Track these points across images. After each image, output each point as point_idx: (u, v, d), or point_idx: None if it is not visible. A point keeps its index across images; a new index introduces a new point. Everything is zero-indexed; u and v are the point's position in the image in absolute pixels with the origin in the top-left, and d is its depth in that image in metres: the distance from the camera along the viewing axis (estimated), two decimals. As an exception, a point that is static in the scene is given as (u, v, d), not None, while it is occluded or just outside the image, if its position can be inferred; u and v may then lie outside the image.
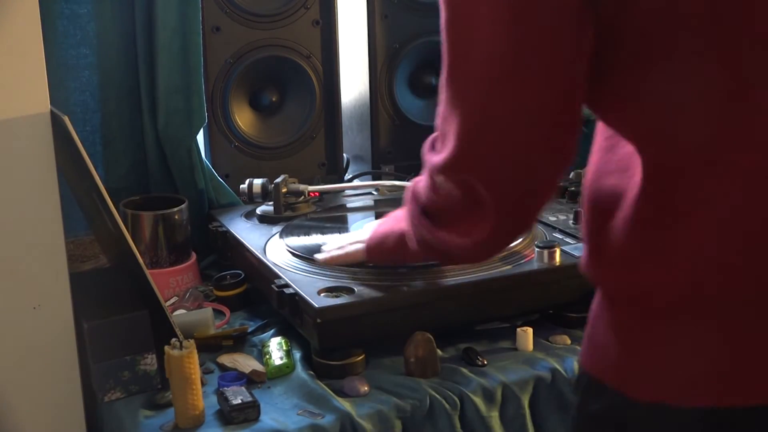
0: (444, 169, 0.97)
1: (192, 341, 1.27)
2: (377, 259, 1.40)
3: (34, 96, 1.30)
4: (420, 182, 1.12)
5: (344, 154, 2.07)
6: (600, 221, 0.91)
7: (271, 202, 1.76)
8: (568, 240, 1.57)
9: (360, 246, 1.41)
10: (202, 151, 1.87)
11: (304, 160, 1.99)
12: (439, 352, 1.39)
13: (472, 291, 1.42)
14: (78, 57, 1.78)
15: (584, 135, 0.97)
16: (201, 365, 1.33)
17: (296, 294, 1.38)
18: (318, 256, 1.47)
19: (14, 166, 1.30)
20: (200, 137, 1.88)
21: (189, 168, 1.83)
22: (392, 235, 1.29)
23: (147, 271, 1.35)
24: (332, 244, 1.49)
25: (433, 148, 1.03)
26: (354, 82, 2.11)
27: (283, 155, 1.98)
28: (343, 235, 1.55)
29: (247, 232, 1.68)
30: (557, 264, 1.48)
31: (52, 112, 1.32)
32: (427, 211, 1.09)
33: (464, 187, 0.96)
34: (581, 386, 0.98)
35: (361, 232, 1.49)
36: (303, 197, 1.79)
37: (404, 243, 1.21)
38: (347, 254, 1.44)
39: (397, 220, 1.29)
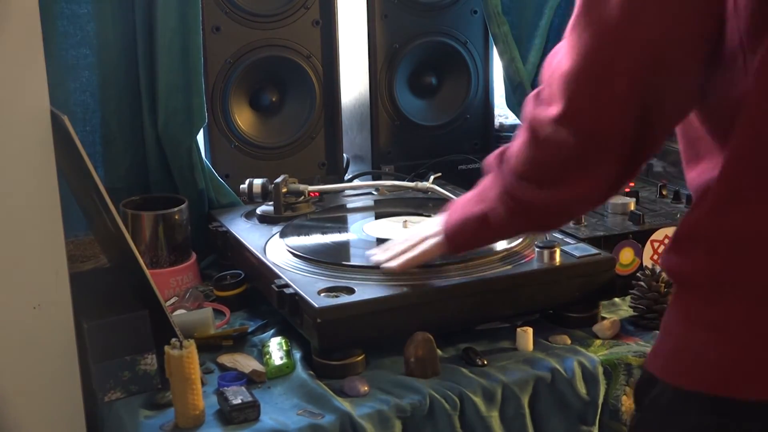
0: (560, 119, 0.96)
1: (192, 341, 1.27)
2: (460, 247, 1.34)
3: (34, 96, 1.30)
4: (508, 149, 1.11)
5: (344, 154, 2.07)
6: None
7: (271, 202, 1.76)
8: (568, 240, 1.57)
9: (435, 241, 1.35)
10: (202, 151, 1.87)
11: (304, 160, 1.99)
12: (439, 352, 1.39)
13: (472, 291, 1.42)
14: (78, 57, 1.78)
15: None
16: (201, 365, 1.33)
17: (296, 294, 1.38)
18: (389, 265, 1.41)
19: (14, 166, 1.30)
20: (200, 137, 1.88)
21: (189, 168, 1.83)
22: (473, 218, 1.23)
23: (147, 271, 1.35)
24: (391, 249, 1.44)
25: (539, 102, 1.01)
26: (354, 82, 2.11)
27: (283, 155, 1.98)
28: (396, 240, 1.47)
29: (247, 232, 1.68)
30: (557, 264, 1.48)
31: (52, 112, 1.32)
32: (524, 176, 1.08)
33: (579, 134, 0.96)
34: (662, 403, 0.93)
35: (418, 228, 1.43)
36: (303, 197, 1.78)
37: (493, 221, 1.17)
38: (424, 253, 1.38)
39: (470, 203, 1.24)
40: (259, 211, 1.77)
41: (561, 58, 0.97)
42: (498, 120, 2.23)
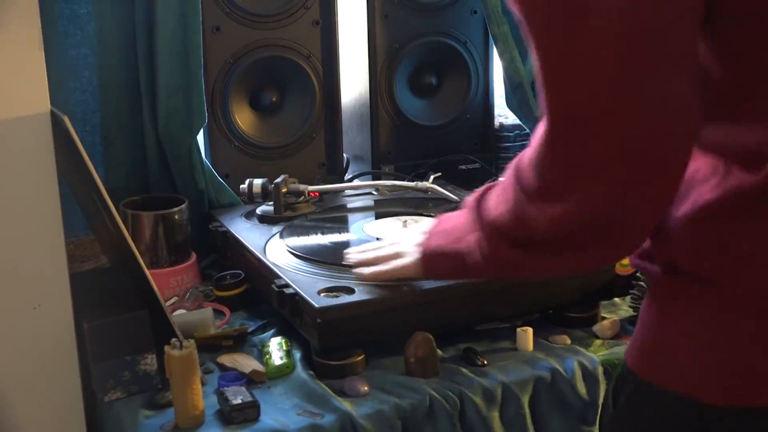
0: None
1: (192, 341, 1.27)
2: (435, 277, 1.32)
3: (34, 96, 1.30)
4: (489, 195, 1.04)
5: (344, 154, 2.07)
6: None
7: (271, 202, 1.76)
8: (568, 240, 1.57)
9: (410, 261, 1.31)
10: (202, 151, 1.87)
11: (304, 160, 1.99)
12: (439, 352, 1.39)
13: (472, 291, 1.42)
14: (78, 57, 1.78)
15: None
16: (201, 365, 1.33)
17: (296, 294, 1.38)
18: (359, 271, 1.40)
19: (14, 166, 1.30)
20: (200, 137, 1.88)
21: (189, 168, 1.83)
22: (450, 255, 1.16)
23: (147, 271, 1.35)
24: (367, 253, 1.42)
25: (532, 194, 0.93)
26: (354, 82, 2.11)
27: (283, 155, 1.97)
28: (374, 243, 1.46)
29: (247, 232, 1.68)
30: (557, 264, 1.47)
31: (52, 112, 1.32)
32: (505, 236, 1.00)
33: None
34: (635, 394, 0.93)
35: (400, 237, 1.40)
36: (303, 197, 1.78)
37: (469, 265, 1.11)
38: (395, 270, 1.35)
39: (450, 237, 1.17)
40: (259, 211, 1.77)
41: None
42: (498, 120, 2.23)
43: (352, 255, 1.44)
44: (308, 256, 1.51)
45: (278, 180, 1.75)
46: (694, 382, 0.88)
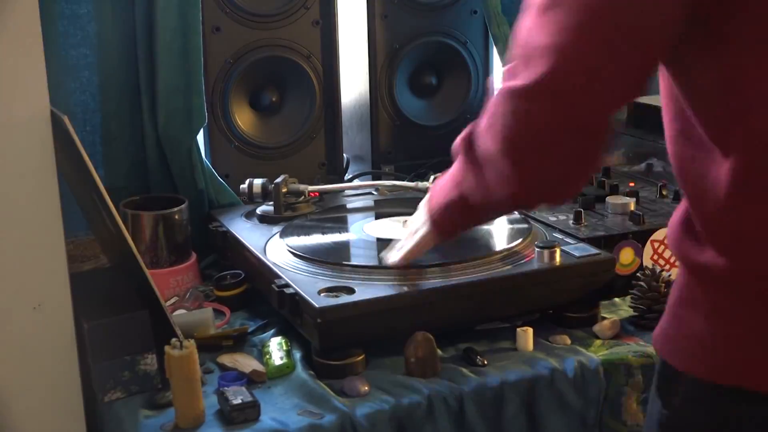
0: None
1: (192, 341, 1.27)
2: (449, 234, 1.33)
3: (34, 96, 1.30)
4: (476, 129, 1.11)
5: (344, 154, 2.07)
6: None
7: (271, 202, 1.76)
8: (568, 240, 1.57)
9: (424, 231, 1.34)
10: (202, 151, 1.87)
11: (304, 160, 1.99)
12: (439, 352, 1.39)
13: (472, 291, 1.42)
14: (78, 57, 1.78)
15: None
16: (201, 365, 1.33)
17: (296, 294, 1.38)
18: (391, 261, 1.42)
19: (14, 166, 1.30)
20: (200, 137, 1.88)
21: (189, 168, 1.83)
22: (453, 203, 1.20)
23: (147, 271, 1.35)
24: (396, 246, 1.44)
25: (512, 76, 1.02)
26: (354, 82, 2.11)
27: (283, 155, 1.98)
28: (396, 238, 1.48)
29: (247, 232, 1.68)
30: (557, 264, 1.48)
31: (52, 112, 1.32)
32: (506, 153, 1.06)
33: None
34: (691, 393, 0.97)
35: (410, 220, 1.43)
36: (303, 197, 1.79)
37: (473, 202, 1.15)
38: (417, 245, 1.37)
39: (448, 188, 1.21)
40: (259, 211, 1.77)
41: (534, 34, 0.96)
42: (498, 120, 2.23)
43: (388, 254, 1.45)
44: (308, 255, 1.51)
45: (278, 180, 1.75)
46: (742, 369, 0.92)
